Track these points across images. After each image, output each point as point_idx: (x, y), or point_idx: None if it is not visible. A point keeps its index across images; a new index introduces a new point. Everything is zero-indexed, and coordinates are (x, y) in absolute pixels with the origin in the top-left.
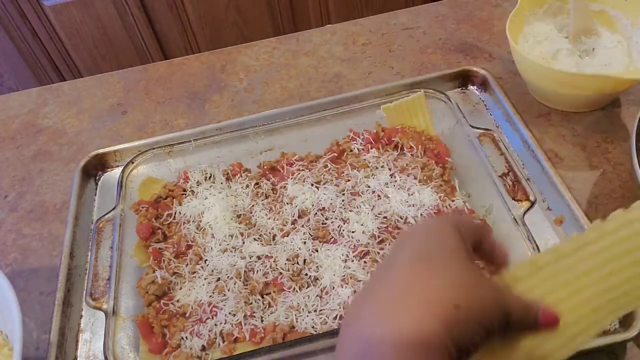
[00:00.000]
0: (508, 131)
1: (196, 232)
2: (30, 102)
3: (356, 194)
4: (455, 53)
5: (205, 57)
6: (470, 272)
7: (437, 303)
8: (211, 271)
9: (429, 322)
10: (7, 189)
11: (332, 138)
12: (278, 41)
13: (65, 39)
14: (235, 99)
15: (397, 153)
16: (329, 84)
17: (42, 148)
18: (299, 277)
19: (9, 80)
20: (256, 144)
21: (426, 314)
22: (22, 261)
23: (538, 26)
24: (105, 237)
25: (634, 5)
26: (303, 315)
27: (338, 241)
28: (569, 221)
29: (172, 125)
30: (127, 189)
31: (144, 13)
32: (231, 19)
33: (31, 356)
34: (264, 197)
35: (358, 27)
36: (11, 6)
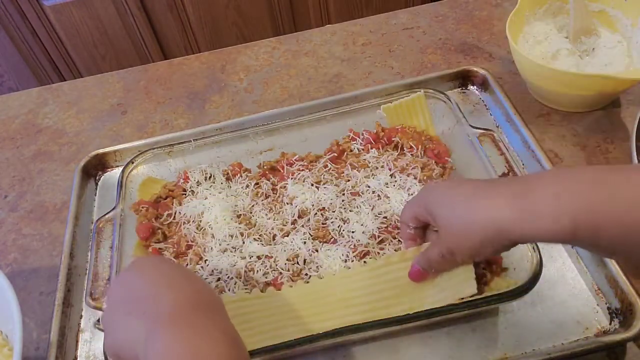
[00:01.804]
0: (508, 131)
1: (196, 232)
2: (30, 102)
3: (356, 194)
4: (455, 53)
5: (205, 57)
6: None
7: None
8: (211, 271)
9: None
10: (7, 189)
11: (332, 138)
12: (278, 41)
13: (65, 39)
14: (235, 99)
15: (397, 153)
16: (329, 84)
17: (42, 148)
18: (299, 277)
19: (9, 80)
20: (256, 144)
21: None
22: (22, 261)
23: (538, 26)
24: (105, 237)
25: (634, 5)
26: None
27: (338, 241)
28: None
29: (172, 125)
30: (127, 189)
31: (144, 13)
32: (231, 19)
33: (31, 356)
34: (264, 197)
35: (358, 27)
36: (11, 6)
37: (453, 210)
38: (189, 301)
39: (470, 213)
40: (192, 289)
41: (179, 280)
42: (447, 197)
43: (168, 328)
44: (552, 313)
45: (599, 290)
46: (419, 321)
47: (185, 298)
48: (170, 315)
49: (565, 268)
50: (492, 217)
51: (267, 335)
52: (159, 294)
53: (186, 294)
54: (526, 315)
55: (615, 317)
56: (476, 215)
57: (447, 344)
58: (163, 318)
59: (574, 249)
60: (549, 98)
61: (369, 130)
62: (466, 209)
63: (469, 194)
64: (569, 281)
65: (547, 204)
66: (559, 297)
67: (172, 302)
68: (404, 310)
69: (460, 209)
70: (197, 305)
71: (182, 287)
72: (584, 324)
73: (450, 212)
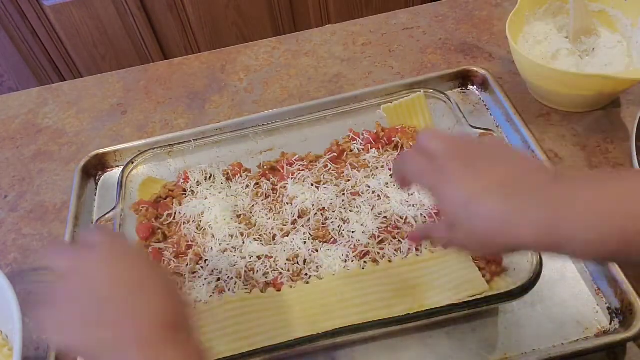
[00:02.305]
0: (508, 131)
1: (196, 232)
2: (30, 102)
3: (356, 194)
4: (455, 53)
5: (205, 57)
6: None
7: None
8: (211, 271)
9: None
10: (7, 189)
11: (332, 138)
12: (278, 41)
13: (65, 39)
14: (235, 99)
15: (397, 153)
16: (329, 84)
17: (42, 148)
18: (299, 277)
19: (9, 80)
20: (256, 144)
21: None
22: (22, 261)
23: (538, 26)
24: None
25: (634, 5)
26: None
27: (338, 241)
28: None
29: (172, 125)
30: (127, 189)
31: (144, 13)
32: (231, 19)
33: (31, 356)
34: (264, 197)
35: (358, 27)
36: (11, 6)
37: (469, 210)
38: (161, 321)
39: (491, 233)
40: (163, 306)
41: (150, 292)
42: (464, 190)
43: (142, 351)
44: (552, 313)
45: (599, 290)
46: (419, 321)
47: (157, 317)
48: (145, 338)
49: (565, 268)
50: (517, 243)
51: (267, 335)
52: (134, 308)
53: (158, 312)
54: (526, 315)
55: (615, 317)
56: (499, 237)
57: (447, 344)
58: (137, 339)
59: None
60: (549, 98)
61: (369, 130)
62: (487, 222)
63: (494, 204)
64: (569, 281)
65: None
66: (559, 297)
67: (147, 322)
68: (404, 310)
69: (482, 218)
70: (168, 326)
71: (155, 303)
72: (584, 324)
73: (465, 213)
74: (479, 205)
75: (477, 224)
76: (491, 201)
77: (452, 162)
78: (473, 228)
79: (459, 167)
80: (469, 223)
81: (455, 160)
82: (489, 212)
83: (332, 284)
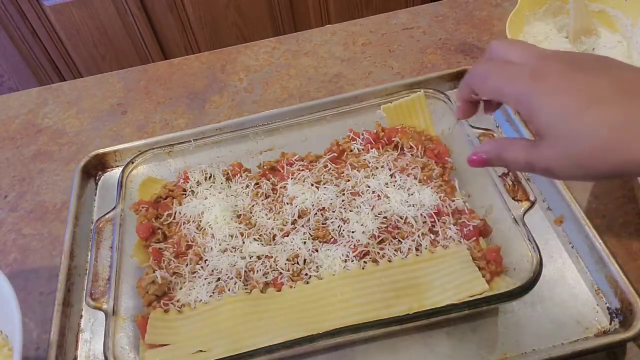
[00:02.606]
0: (508, 131)
1: (196, 232)
2: (30, 102)
3: (356, 194)
4: (455, 53)
5: (205, 57)
6: None
7: None
8: (211, 271)
9: None
10: (7, 189)
11: (332, 138)
12: (278, 41)
13: (65, 39)
14: (235, 99)
15: (397, 153)
16: (329, 84)
17: (42, 148)
18: (299, 277)
19: (9, 80)
20: (256, 144)
21: None
22: (22, 261)
23: (538, 26)
24: (105, 237)
25: (634, 5)
26: None
27: (338, 241)
28: (569, 221)
29: (172, 125)
30: (127, 189)
31: (144, 13)
32: (231, 19)
33: (31, 356)
34: (264, 197)
35: (358, 27)
36: (11, 6)
37: (573, 119)
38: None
39: (601, 149)
40: None
41: None
42: (564, 94)
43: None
44: (552, 313)
45: (599, 290)
46: (419, 321)
47: None
48: None
49: (565, 268)
50: (633, 160)
51: (267, 335)
52: None
53: None
54: (526, 315)
55: (615, 317)
56: (611, 154)
57: (447, 344)
58: None
59: (574, 248)
60: None
61: (369, 130)
62: (599, 136)
63: (611, 112)
64: (569, 281)
65: None
66: (559, 297)
67: None
68: (404, 310)
69: (592, 130)
70: None
71: None
72: (584, 324)
73: (567, 123)
74: (591, 114)
75: (585, 138)
76: (607, 109)
77: (554, 64)
78: (576, 144)
79: (565, 69)
80: (572, 138)
81: (557, 62)
82: (602, 123)
83: (332, 284)
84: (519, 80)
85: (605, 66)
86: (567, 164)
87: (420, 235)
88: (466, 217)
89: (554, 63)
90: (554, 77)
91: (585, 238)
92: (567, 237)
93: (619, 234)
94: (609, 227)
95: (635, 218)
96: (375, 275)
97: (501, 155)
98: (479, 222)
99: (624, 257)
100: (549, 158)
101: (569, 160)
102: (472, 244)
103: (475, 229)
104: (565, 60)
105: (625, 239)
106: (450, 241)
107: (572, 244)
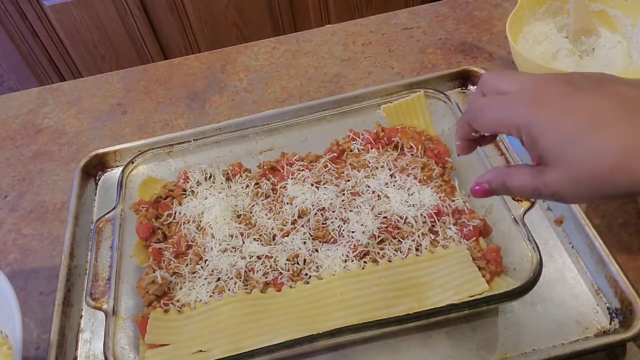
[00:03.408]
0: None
1: (196, 232)
2: (30, 102)
3: (356, 194)
4: (455, 53)
5: (205, 57)
6: None
7: None
8: (211, 271)
9: None
10: (7, 189)
11: (332, 138)
12: (278, 41)
13: (65, 39)
14: (235, 99)
15: (397, 153)
16: (329, 84)
17: (42, 148)
18: (299, 277)
19: (9, 80)
20: (256, 144)
21: None
22: (22, 261)
23: (538, 26)
24: (105, 237)
25: (634, 5)
26: None
27: (338, 241)
28: (569, 221)
29: (172, 125)
30: (127, 189)
31: (144, 13)
32: (231, 19)
33: (31, 356)
34: (264, 197)
35: (358, 27)
36: (11, 6)
37: (579, 142)
38: None
39: (609, 170)
40: None
41: None
42: (566, 117)
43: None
44: (552, 313)
45: (599, 290)
46: (419, 321)
47: None
48: None
49: (565, 268)
50: None
51: (267, 335)
52: None
53: None
54: (526, 315)
55: (615, 317)
56: (619, 174)
57: (447, 344)
58: None
59: (574, 248)
60: None
61: (369, 130)
62: (606, 156)
63: (616, 131)
64: (569, 281)
65: None
66: (559, 297)
67: None
68: (404, 310)
69: (599, 151)
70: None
71: None
72: (584, 324)
73: (573, 146)
74: (597, 135)
75: (593, 160)
76: (613, 130)
77: (552, 87)
78: (584, 167)
79: (563, 92)
80: (580, 161)
81: (554, 86)
82: (609, 143)
83: (332, 284)
84: (518, 108)
85: (603, 84)
86: (577, 188)
87: (420, 235)
88: (466, 217)
89: (551, 87)
90: (554, 101)
91: (585, 238)
92: (567, 237)
93: (619, 234)
94: (609, 227)
95: (635, 218)
96: (375, 275)
97: (506, 184)
98: (479, 222)
99: (624, 257)
100: (558, 183)
101: (578, 184)
102: (472, 244)
103: (475, 229)
104: (562, 83)
105: (625, 239)
106: (450, 241)
107: (572, 244)
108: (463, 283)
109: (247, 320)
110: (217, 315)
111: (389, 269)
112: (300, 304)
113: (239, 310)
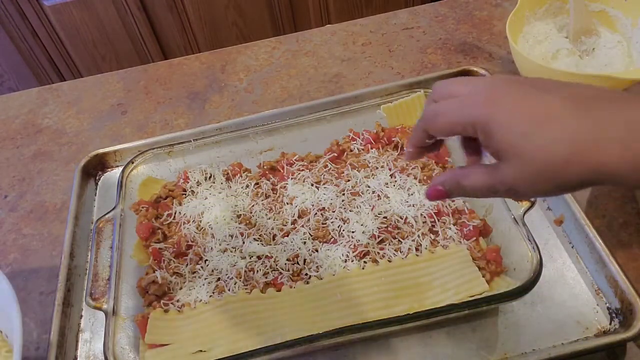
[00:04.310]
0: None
1: (196, 232)
2: (30, 102)
3: (356, 194)
4: (455, 53)
5: (205, 57)
6: None
7: None
8: (211, 271)
9: None
10: (7, 189)
11: (332, 138)
12: (278, 41)
13: (65, 39)
14: (235, 99)
15: (397, 153)
16: (329, 84)
17: (42, 148)
18: (299, 277)
19: (9, 80)
20: (256, 144)
21: None
22: (22, 261)
23: (538, 26)
24: (105, 237)
25: (634, 5)
26: None
27: (338, 241)
28: (569, 221)
29: (172, 125)
30: (127, 189)
31: (144, 13)
32: (231, 19)
33: (31, 356)
34: (264, 197)
35: (358, 27)
36: (11, 6)
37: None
38: None
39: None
40: None
41: None
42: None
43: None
44: (552, 313)
45: (599, 290)
46: (419, 321)
47: None
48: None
49: (565, 268)
50: (597, 169)
51: (267, 335)
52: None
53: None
54: (526, 315)
55: (615, 317)
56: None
57: (447, 344)
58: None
59: (574, 248)
60: None
61: (369, 130)
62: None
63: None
64: (569, 281)
65: None
66: (559, 297)
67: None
68: (404, 310)
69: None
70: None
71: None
72: (584, 324)
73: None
74: (549, 126)
75: (546, 153)
76: (564, 120)
77: (505, 87)
78: (537, 158)
79: (516, 90)
80: (533, 154)
81: (508, 86)
82: (561, 133)
83: (332, 284)
84: (473, 107)
85: (557, 85)
86: (531, 181)
87: (420, 235)
88: (466, 217)
89: (505, 86)
90: (508, 99)
91: (585, 238)
92: (567, 237)
93: (619, 234)
94: (609, 227)
95: (635, 218)
96: (375, 275)
97: (460, 184)
98: (479, 222)
99: (624, 257)
100: (513, 177)
101: (532, 177)
102: (472, 244)
103: (475, 229)
104: (516, 83)
105: (625, 239)
106: (450, 241)
107: (572, 244)
108: (463, 283)
109: (247, 320)
110: (217, 315)
111: (388, 269)
112: (300, 304)
113: (239, 310)
